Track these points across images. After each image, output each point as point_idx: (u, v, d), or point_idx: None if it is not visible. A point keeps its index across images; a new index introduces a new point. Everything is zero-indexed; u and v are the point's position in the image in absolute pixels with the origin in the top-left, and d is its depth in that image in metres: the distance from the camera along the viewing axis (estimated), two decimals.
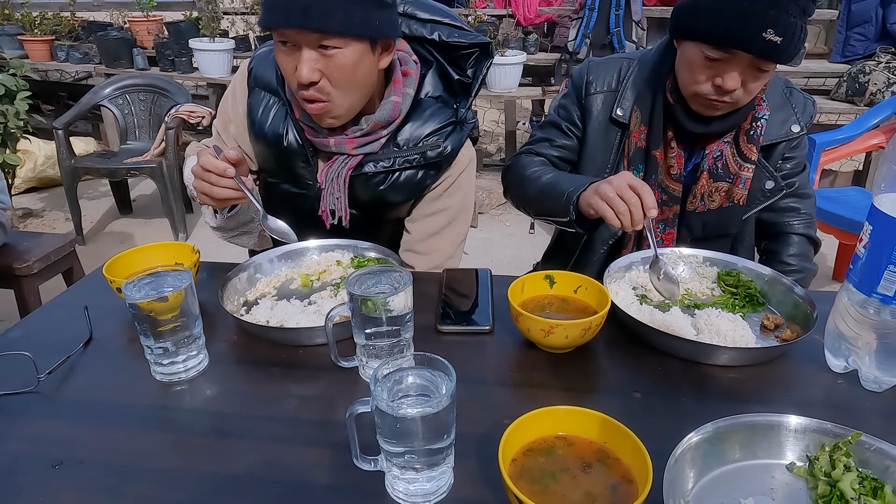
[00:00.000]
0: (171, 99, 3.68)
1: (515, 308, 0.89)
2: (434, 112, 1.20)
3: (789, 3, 1.01)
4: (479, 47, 1.21)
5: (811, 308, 0.95)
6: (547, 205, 1.23)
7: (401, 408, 0.62)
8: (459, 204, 1.29)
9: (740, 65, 1.08)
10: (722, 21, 1.04)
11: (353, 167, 1.19)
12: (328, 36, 0.99)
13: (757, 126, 1.23)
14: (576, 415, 0.69)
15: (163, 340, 0.86)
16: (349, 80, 1.05)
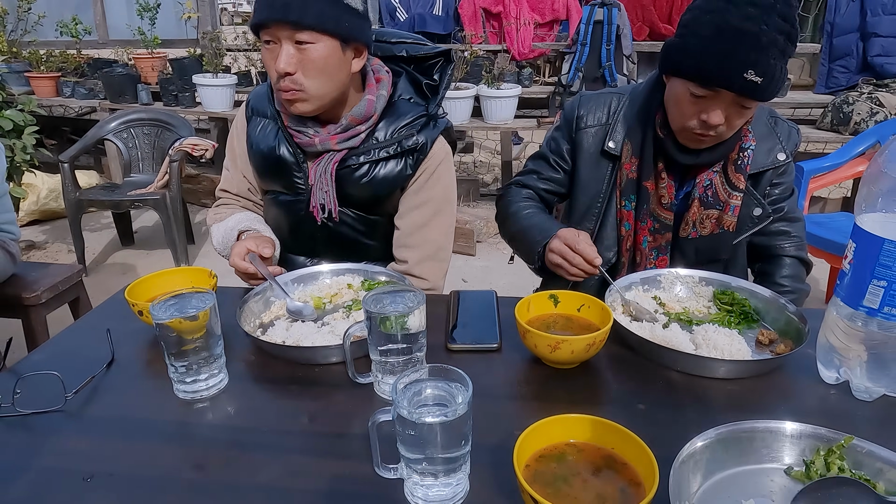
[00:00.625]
0: (174, 132, 3.76)
1: (523, 325, 0.94)
2: (407, 110, 1.34)
3: (769, 47, 1.08)
4: (442, 56, 1.37)
5: (803, 323, 1.00)
6: (519, 250, 1.40)
7: (421, 416, 0.66)
8: (442, 195, 1.38)
9: (724, 102, 1.14)
10: (707, 61, 1.11)
11: (339, 161, 1.30)
12: (303, 29, 1.14)
13: (744, 156, 1.29)
14: (585, 422, 0.73)
15: (186, 359, 0.90)
16: (320, 71, 1.19)
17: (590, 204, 1.39)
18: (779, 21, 1.08)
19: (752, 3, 1.08)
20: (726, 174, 1.30)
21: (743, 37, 1.08)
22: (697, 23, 1.15)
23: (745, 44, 1.08)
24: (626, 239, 1.35)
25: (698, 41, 1.13)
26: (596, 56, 4.04)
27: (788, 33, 1.10)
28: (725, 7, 1.10)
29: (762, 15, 1.07)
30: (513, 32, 4.40)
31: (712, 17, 1.12)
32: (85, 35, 4.70)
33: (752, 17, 1.08)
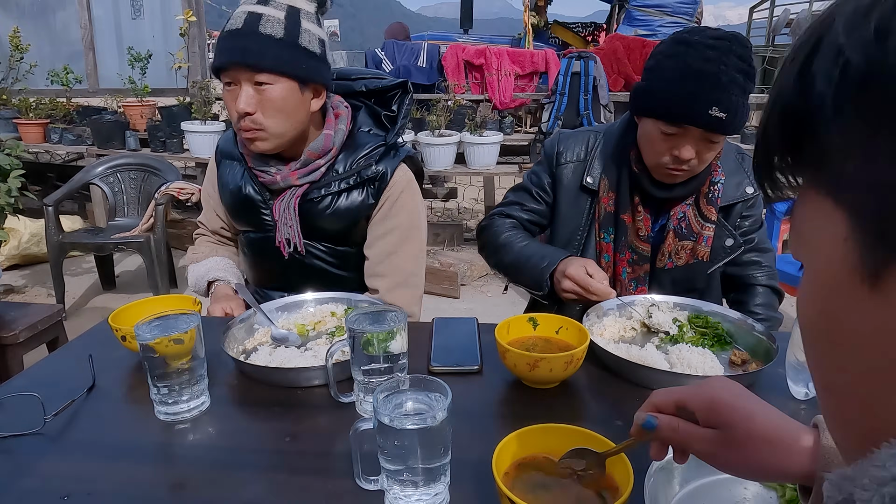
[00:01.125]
0: (161, 177, 3.80)
1: (502, 345, 0.96)
2: (365, 141, 1.39)
3: (730, 85, 1.15)
4: (400, 87, 1.44)
5: (772, 343, 1.04)
6: (521, 276, 1.39)
7: (402, 423, 0.68)
8: (407, 221, 1.40)
9: (693, 137, 1.21)
10: (673, 101, 1.19)
11: (300, 195, 1.35)
12: (261, 71, 1.21)
13: (714, 189, 1.35)
14: (562, 432, 0.74)
15: (169, 380, 0.90)
16: (278, 110, 1.25)
17: (570, 236, 1.44)
18: (736, 61, 1.16)
19: (710, 46, 1.16)
20: (699, 207, 1.36)
21: (705, 77, 1.15)
22: (661, 67, 1.23)
23: (707, 83, 1.15)
24: (606, 270, 1.38)
25: (664, 83, 1.21)
26: (574, 105, 4.20)
27: (746, 72, 1.17)
28: (686, 51, 1.18)
29: (721, 56, 1.15)
30: (494, 83, 4.57)
31: (674, 61, 1.20)
32: (76, 84, 4.78)
33: (711, 59, 1.15)
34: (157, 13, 4.94)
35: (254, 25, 1.20)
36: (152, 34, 4.96)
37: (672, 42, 1.24)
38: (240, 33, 1.21)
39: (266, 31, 1.20)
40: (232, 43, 1.21)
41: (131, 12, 4.95)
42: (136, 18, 4.95)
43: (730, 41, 1.17)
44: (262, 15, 1.21)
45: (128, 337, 1.05)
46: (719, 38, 1.17)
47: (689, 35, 1.21)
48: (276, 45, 1.21)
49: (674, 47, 1.21)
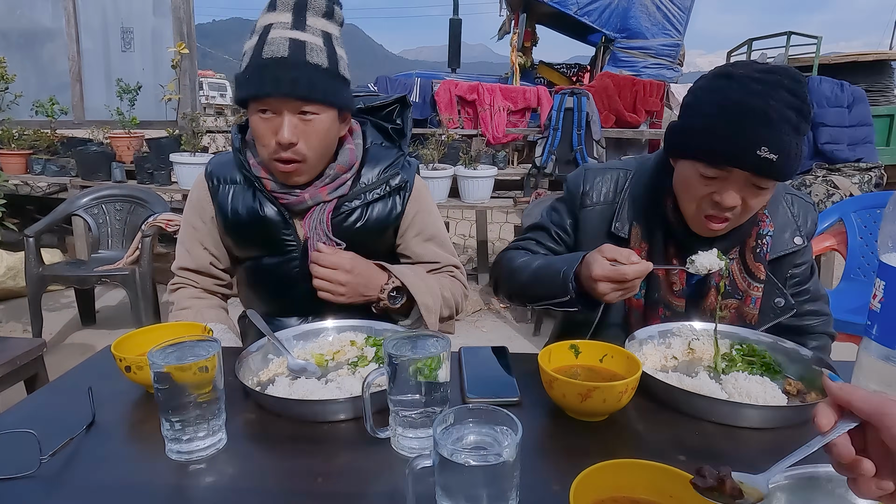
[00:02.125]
0: (148, 209, 3.69)
1: (549, 373, 0.89)
2: (383, 153, 1.39)
3: (781, 123, 1.01)
4: (398, 102, 1.46)
5: (830, 371, 0.98)
6: (541, 289, 1.19)
7: (467, 459, 0.60)
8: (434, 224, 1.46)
9: (738, 182, 1.06)
10: (714, 140, 1.04)
11: (332, 210, 1.31)
12: (310, 103, 1.18)
13: (763, 243, 1.21)
14: (645, 470, 0.66)
15: (184, 414, 0.81)
16: (322, 142, 1.23)
17: None
18: (787, 96, 1.02)
19: (756, 79, 1.03)
20: (745, 262, 1.22)
21: (749, 112, 1.02)
22: (700, 102, 1.10)
23: (753, 119, 1.01)
24: (635, 327, 1.20)
25: (703, 120, 1.07)
26: (568, 140, 4.23)
27: (800, 109, 1.03)
28: (727, 84, 1.06)
29: (768, 91, 1.02)
30: (487, 118, 4.59)
31: (714, 95, 1.07)
32: (61, 115, 4.70)
33: (757, 92, 1.02)
34: (147, 46, 4.92)
35: (300, 55, 1.16)
36: (142, 67, 4.92)
37: (713, 76, 1.11)
38: (286, 63, 1.15)
39: (313, 60, 1.17)
40: (278, 73, 1.15)
41: (121, 45, 4.92)
42: (127, 51, 4.92)
43: (780, 74, 1.04)
44: (305, 42, 1.17)
45: (133, 367, 0.95)
46: (767, 72, 1.04)
47: (733, 68, 1.08)
48: (324, 76, 1.18)
49: (714, 81, 1.09)
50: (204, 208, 1.37)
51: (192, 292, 1.42)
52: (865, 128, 4.31)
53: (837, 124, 4.13)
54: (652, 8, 6.81)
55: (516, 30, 7.41)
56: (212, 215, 1.36)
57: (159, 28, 4.83)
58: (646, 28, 6.79)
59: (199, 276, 1.42)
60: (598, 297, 1.06)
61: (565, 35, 8.92)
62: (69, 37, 4.92)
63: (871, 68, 6.55)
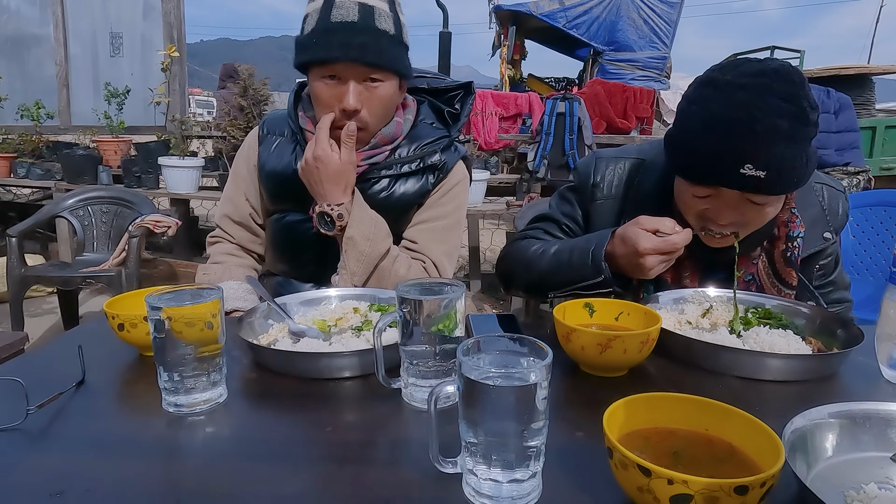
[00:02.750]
0: (135, 210, 3.62)
1: (566, 325, 0.85)
2: (429, 131, 1.35)
3: (768, 135, 0.92)
4: (462, 88, 1.42)
5: (853, 329, 0.94)
6: (567, 273, 1.12)
7: (496, 379, 0.55)
8: (455, 214, 1.37)
9: (730, 199, 1.01)
10: (697, 159, 0.99)
11: (359, 174, 1.27)
12: (377, 70, 1.16)
13: (793, 247, 1.12)
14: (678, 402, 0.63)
15: (183, 363, 0.76)
16: (385, 108, 1.23)
17: None
18: (778, 103, 0.92)
19: (742, 86, 0.95)
20: (774, 268, 1.14)
21: (732, 126, 0.94)
22: (685, 115, 1.03)
23: (736, 135, 0.94)
24: None
25: (686, 136, 1.02)
26: (560, 145, 4.23)
27: (796, 115, 0.93)
28: (711, 95, 0.98)
29: (754, 100, 0.93)
30: (479, 124, 4.59)
31: (697, 107, 1.00)
32: (47, 119, 4.63)
33: (741, 103, 0.94)
34: (136, 51, 4.89)
35: (370, 19, 1.14)
36: (131, 72, 4.89)
37: (698, 83, 1.03)
38: (355, 28, 1.13)
39: (381, 26, 1.15)
40: (346, 37, 1.13)
41: (110, 50, 4.88)
42: (115, 56, 4.89)
43: (770, 77, 0.94)
44: (373, 8, 1.15)
45: (126, 325, 0.90)
46: (757, 75, 0.95)
47: (721, 73, 0.99)
48: (391, 43, 1.17)
49: (699, 90, 1.01)
50: (250, 156, 1.40)
51: (227, 248, 1.42)
52: (852, 133, 4.37)
53: (825, 129, 4.18)
54: (639, 21, 6.92)
55: (506, 42, 7.49)
56: (255, 163, 1.38)
57: (149, 33, 4.80)
58: (633, 41, 6.89)
59: (237, 229, 1.43)
60: (643, 271, 1.01)
61: (554, 50, 9.03)
62: (57, 42, 4.88)
63: (852, 82, 6.68)
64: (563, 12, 7.10)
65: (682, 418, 0.62)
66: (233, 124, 4.04)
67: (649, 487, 0.51)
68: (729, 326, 1.03)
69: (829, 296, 1.26)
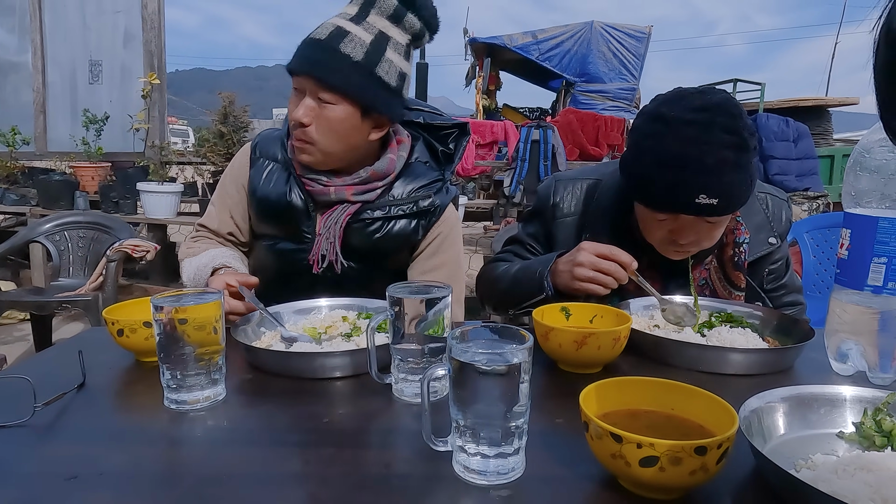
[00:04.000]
0: (112, 235, 3.61)
1: (544, 325, 0.92)
2: (423, 172, 1.36)
3: (717, 167, 1.01)
4: (457, 127, 1.42)
5: (805, 327, 1.03)
6: (520, 291, 1.24)
7: (482, 362, 0.62)
8: (455, 261, 1.38)
9: (687, 222, 1.10)
10: (655, 192, 1.08)
11: (352, 214, 1.28)
12: (326, 89, 1.18)
13: (740, 251, 1.23)
14: (646, 385, 0.69)
15: (184, 362, 0.80)
16: (332, 131, 1.21)
17: None
18: (722, 135, 1.02)
19: (689, 122, 1.03)
20: (724, 272, 1.25)
21: (685, 163, 1.02)
22: (639, 148, 1.12)
23: (690, 170, 1.02)
24: None
25: (643, 169, 1.10)
26: (535, 171, 4.36)
27: (738, 145, 1.03)
28: (663, 131, 1.06)
29: (702, 135, 1.02)
30: None
31: (652, 142, 1.08)
32: (23, 146, 4.60)
33: (691, 139, 1.02)
34: (116, 79, 4.91)
35: (335, 41, 1.17)
36: (110, 99, 4.90)
37: (649, 118, 1.11)
38: (319, 45, 1.17)
39: (345, 50, 1.17)
40: (308, 51, 1.18)
41: (89, 77, 4.90)
42: (94, 83, 4.90)
43: (713, 112, 1.03)
44: (348, 33, 1.18)
45: (126, 331, 0.94)
46: (701, 110, 1.04)
47: (668, 108, 1.08)
48: (350, 68, 1.17)
49: (651, 125, 1.10)
50: (240, 175, 1.39)
51: (211, 242, 1.42)
52: (811, 160, 4.60)
53: (785, 157, 4.40)
54: (609, 55, 7.20)
55: (481, 73, 7.70)
56: (244, 183, 1.37)
57: (129, 61, 4.84)
58: (603, 73, 7.16)
59: (217, 237, 1.43)
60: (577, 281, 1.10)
61: (527, 81, 9.29)
62: (35, 69, 4.88)
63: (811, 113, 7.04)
64: (536, 45, 7.36)
65: (650, 400, 0.69)
66: (213, 150, 4.07)
67: (621, 453, 0.57)
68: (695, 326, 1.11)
69: (782, 298, 1.36)
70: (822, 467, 0.64)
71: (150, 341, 0.93)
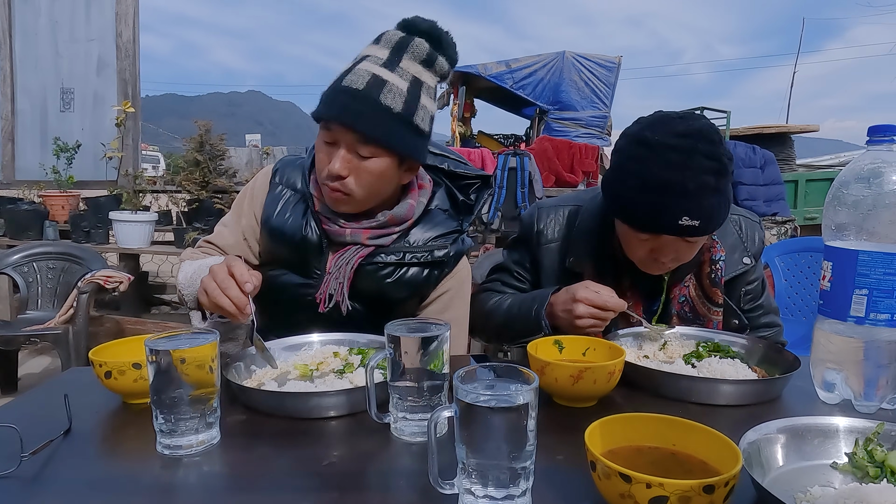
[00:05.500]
0: (84, 266, 3.53)
1: (540, 359, 0.92)
2: (442, 221, 1.33)
3: (699, 191, 1.06)
4: (481, 179, 1.40)
5: (790, 356, 1.06)
6: (517, 329, 1.26)
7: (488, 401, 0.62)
8: (462, 318, 1.37)
9: (668, 241, 1.14)
10: (639, 213, 1.12)
11: (364, 256, 1.25)
12: (368, 141, 1.14)
13: (717, 268, 1.27)
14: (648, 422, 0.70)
15: (179, 405, 0.78)
16: (372, 184, 1.19)
17: None
18: (703, 161, 1.06)
19: (672, 147, 1.07)
20: (703, 289, 1.29)
21: (669, 187, 1.07)
22: (623, 171, 1.15)
23: (673, 194, 1.07)
24: None
25: (627, 191, 1.13)
26: (512, 198, 4.42)
27: (717, 170, 1.08)
28: (648, 155, 1.10)
29: (684, 160, 1.06)
30: None
31: (636, 166, 1.11)
32: None
33: (674, 164, 1.06)
34: (88, 107, 4.85)
35: (375, 91, 1.13)
36: (82, 127, 4.83)
37: (633, 142, 1.15)
38: (358, 95, 1.12)
39: (386, 101, 1.13)
40: (347, 101, 1.13)
41: (60, 105, 4.83)
42: (66, 111, 4.83)
43: (695, 138, 1.08)
44: (386, 82, 1.14)
45: (114, 373, 0.92)
46: (683, 136, 1.08)
47: (651, 132, 1.12)
48: (392, 120, 1.14)
49: (635, 149, 1.13)
50: (258, 197, 1.35)
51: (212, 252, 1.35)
52: (778, 186, 4.76)
53: (753, 183, 4.54)
54: (580, 83, 7.38)
55: (456, 101, 7.81)
56: (262, 206, 1.33)
57: (102, 89, 4.79)
58: (576, 101, 7.32)
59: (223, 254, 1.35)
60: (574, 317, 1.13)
61: (502, 108, 9.45)
62: (3, 96, 4.80)
63: (774, 140, 7.30)
64: (510, 74, 7.51)
65: (652, 436, 0.70)
66: (188, 179, 4.03)
67: (630, 493, 0.58)
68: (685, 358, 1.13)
69: (759, 319, 1.39)
70: (822, 500, 0.65)
71: (139, 383, 0.91)
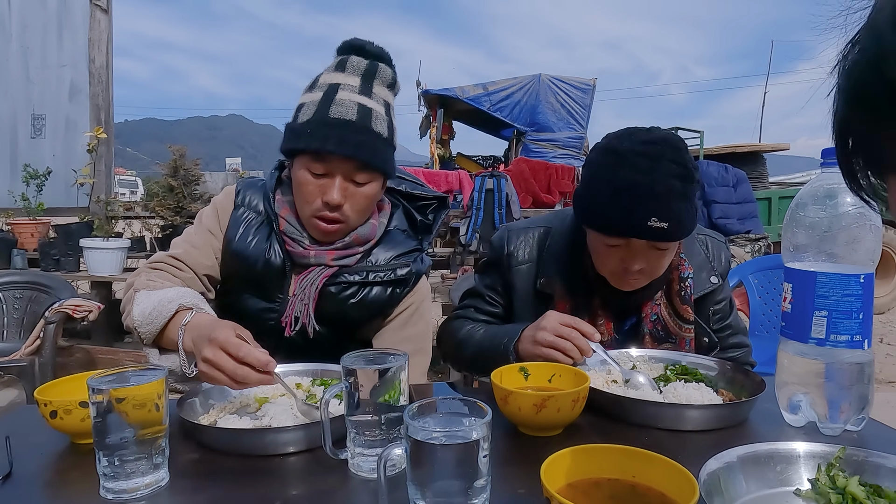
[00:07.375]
0: (52, 295, 3.44)
1: (504, 389, 0.90)
2: (402, 240, 1.35)
3: (667, 194, 1.10)
4: (437, 200, 1.43)
5: (757, 378, 1.05)
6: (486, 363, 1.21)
7: (439, 438, 0.60)
8: (424, 332, 1.36)
9: (639, 247, 1.16)
10: (610, 217, 1.14)
11: (329, 276, 1.25)
12: (367, 169, 1.19)
13: (686, 286, 1.29)
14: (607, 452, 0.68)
15: (124, 447, 0.75)
16: (367, 207, 1.24)
17: None
18: (670, 166, 1.10)
19: (640, 153, 1.12)
20: (673, 307, 1.30)
21: (637, 189, 1.10)
22: (594, 179, 1.18)
23: (642, 195, 1.10)
24: None
25: (598, 197, 1.16)
26: (490, 219, 4.43)
27: (683, 176, 1.12)
28: (616, 161, 1.14)
29: (652, 165, 1.10)
30: None
31: (606, 172, 1.15)
32: None
33: (642, 168, 1.10)
34: (59, 133, 4.79)
35: (367, 120, 1.18)
36: (53, 153, 4.76)
37: (603, 151, 1.19)
38: (353, 126, 1.16)
39: (377, 128, 1.19)
40: (343, 133, 1.15)
41: (31, 131, 4.76)
42: (36, 137, 4.76)
43: (661, 145, 1.13)
44: (371, 110, 1.19)
45: (59, 412, 0.88)
46: (650, 143, 1.13)
47: (619, 142, 1.17)
48: (383, 145, 1.20)
49: (604, 157, 1.18)
50: (221, 217, 1.32)
51: (169, 277, 1.23)
52: (750, 204, 4.84)
53: (726, 201, 4.62)
54: (557, 105, 7.49)
55: (434, 123, 7.87)
56: (224, 227, 1.31)
57: (75, 115, 4.74)
58: (552, 122, 7.43)
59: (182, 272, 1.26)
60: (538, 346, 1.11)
61: (480, 130, 9.53)
62: None
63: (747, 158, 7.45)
64: (487, 96, 7.60)
65: (611, 467, 0.68)
66: (162, 204, 3.98)
67: None
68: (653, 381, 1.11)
69: (728, 339, 1.39)
70: None
71: (86, 422, 0.87)
